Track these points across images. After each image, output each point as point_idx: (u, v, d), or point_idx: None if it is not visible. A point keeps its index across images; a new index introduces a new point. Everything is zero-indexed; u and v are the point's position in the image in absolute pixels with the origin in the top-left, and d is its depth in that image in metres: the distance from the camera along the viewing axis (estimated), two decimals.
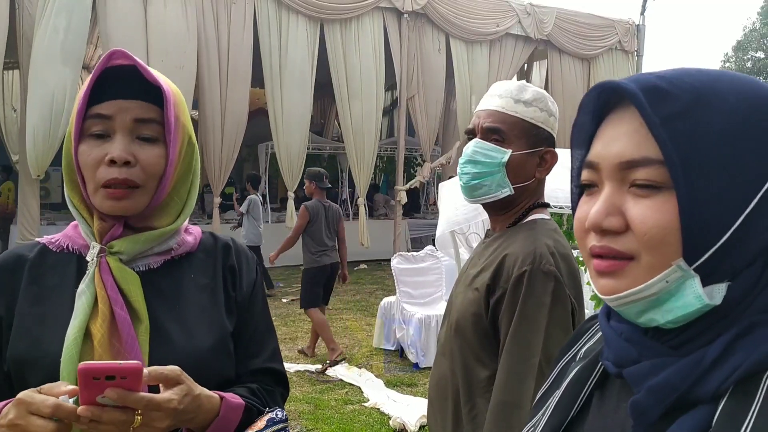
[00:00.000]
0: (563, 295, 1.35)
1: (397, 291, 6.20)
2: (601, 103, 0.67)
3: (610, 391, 0.70)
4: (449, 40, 11.89)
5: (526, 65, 14.07)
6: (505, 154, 1.46)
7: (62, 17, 8.21)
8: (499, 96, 1.51)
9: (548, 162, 1.52)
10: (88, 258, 1.07)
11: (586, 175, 0.67)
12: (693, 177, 0.58)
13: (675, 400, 0.58)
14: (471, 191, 1.51)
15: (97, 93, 1.05)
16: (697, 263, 0.58)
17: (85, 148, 1.05)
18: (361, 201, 11.58)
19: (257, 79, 10.71)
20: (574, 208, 0.71)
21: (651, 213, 0.60)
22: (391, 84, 12.87)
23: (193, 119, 8.96)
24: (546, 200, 1.58)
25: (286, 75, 10.30)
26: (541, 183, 1.54)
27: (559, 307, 1.35)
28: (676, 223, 0.58)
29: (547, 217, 1.54)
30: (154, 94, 1.07)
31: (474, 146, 1.50)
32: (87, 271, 1.06)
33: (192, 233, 1.20)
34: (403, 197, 12.02)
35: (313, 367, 5.62)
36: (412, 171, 14.93)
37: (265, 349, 1.22)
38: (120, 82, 1.06)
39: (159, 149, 1.07)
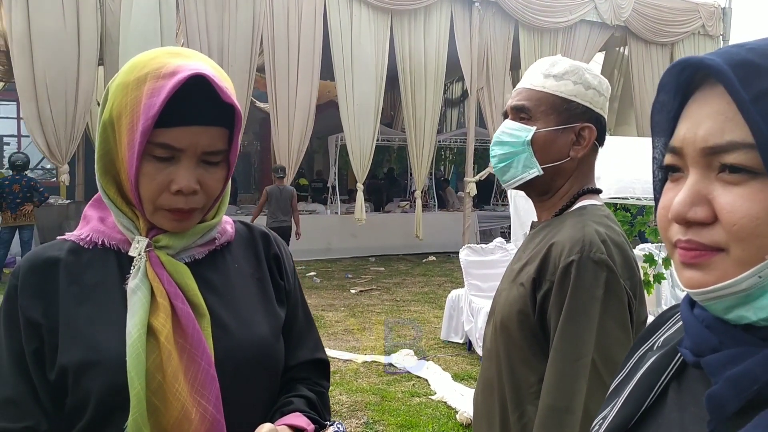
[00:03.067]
0: (617, 285, 1.22)
1: (465, 283, 6.13)
2: (685, 81, 0.61)
3: (689, 382, 0.65)
4: (518, 29, 11.66)
5: (609, 50, 13.67)
6: (529, 132, 1.36)
7: (153, 19, 8.68)
8: (530, 73, 1.42)
9: (586, 139, 1.37)
10: (132, 252, 1.02)
11: (670, 159, 0.61)
12: None
13: (756, 393, 0.52)
14: (501, 174, 1.44)
15: (164, 110, 0.93)
16: None
17: (148, 170, 0.97)
18: (418, 194, 11.59)
19: (328, 72, 10.83)
20: (656, 195, 0.65)
21: (742, 202, 0.54)
22: (459, 76, 12.77)
23: (264, 111, 9.25)
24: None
25: (356, 67, 10.40)
26: (583, 164, 1.41)
27: (614, 299, 1.21)
28: None
29: (598, 202, 1.41)
30: (224, 114, 0.99)
31: (502, 127, 1.42)
32: (135, 266, 1.00)
33: (228, 222, 1.16)
34: (472, 189, 11.89)
35: (383, 359, 5.64)
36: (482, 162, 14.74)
37: (310, 338, 1.22)
38: (192, 103, 0.96)
39: (222, 172, 1.03)
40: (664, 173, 0.63)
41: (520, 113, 1.39)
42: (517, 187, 1.44)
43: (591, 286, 1.21)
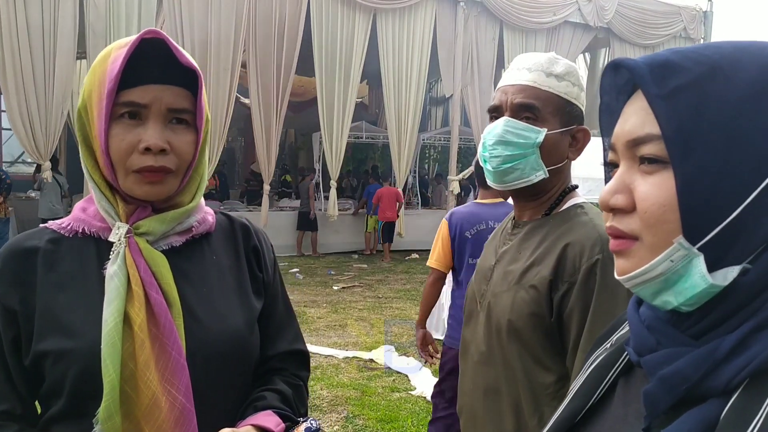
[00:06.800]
0: None
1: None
2: (625, 84, 0.64)
3: (635, 378, 0.67)
4: (503, 28, 11.74)
5: (592, 52, 13.81)
6: (540, 134, 1.31)
7: (134, 15, 8.67)
8: (528, 69, 1.34)
9: (580, 141, 1.37)
10: (112, 238, 1.02)
11: (609, 156, 0.65)
12: (694, 151, 0.55)
13: (685, 391, 0.55)
14: (501, 176, 1.35)
15: (127, 74, 0.97)
16: (701, 242, 0.55)
17: (117, 132, 0.99)
18: (399, 191, 11.66)
19: (313, 68, 10.85)
20: None
21: (652, 190, 0.58)
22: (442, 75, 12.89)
23: (245, 107, 9.21)
24: None
25: (337, 65, 10.42)
26: (570, 164, 1.40)
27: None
28: (676, 200, 0.56)
29: (585, 199, 1.40)
30: (185, 78, 1.02)
31: (504, 125, 1.33)
32: (115, 252, 1.01)
33: (209, 213, 1.16)
34: (456, 187, 11.97)
35: (363, 355, 5.68)
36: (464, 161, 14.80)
37: (289, 329, 1.22)
38: (152, 64, 0.99)
39: (191, 135, 1.04)
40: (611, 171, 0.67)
41: (525, 112, 1.33)
42: (512, 189, 1.39)
43: (615, 286, 1.19)
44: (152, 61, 1.00)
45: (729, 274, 0.55)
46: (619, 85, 0.65)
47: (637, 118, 0.60)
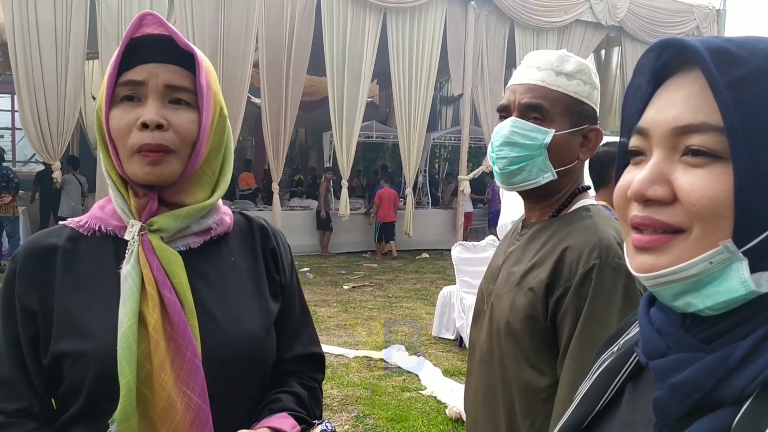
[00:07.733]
0: (635, 292, 1.17)
1: (457, 280, 6.17)
2: (661, 67, 0.61)
3: (644, 383, 0.64)
4: (514, 28, 11.70)
5: (604, 51, 13.75)
6: (548, 135, 1.28)
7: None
8: (538, 68, 1.32)
9: (592, 141, 1.34)
10: (127, 236, 1.02)
11: (634, 141, 0.61)
12: (755, 148, 0.52)
13: (697, 400, 0.53)
14: (508, 178, 1.33)
15: (127, 60, 1.00)
16: (747, 246, 0.52)
17: (116, 114, 1.00)
18: (409, 191, 11.65)
19: (323, 68, 10.88)
20: (617, 180, 0.65)
21: (702, 183, 0.54)
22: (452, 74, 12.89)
23: (256, 106, 9.28)
24: None
25: (347, 64, 10.44)
26: (582, 165, 1.37)
27: (631, 307, 1.16)
28: (730, 197, 0.52)
29: (595, 202, 1.36)
30: (185, 60, 1.02)
31: (511, 126, 1.30)
32: (129, 251, 1.00)
33: (227, 213, 1.15)
34: (466, 187, 11.94)
35: (374, 354, 5.69)
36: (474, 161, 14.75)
37: (305, 332, 1.22)
38: (151, 48, 1.01)
39: (192, 114, 1.02)
40: (628, 158, 0.63)
41: (532, 112, 1.30)
42: (520, 190, 1.37)
43: (610, 292, 1.18)
44: (150, 44, 1.01)
45: (763, 279, 0.53)
46: (654, 68, 0.61)
47: (687, 105, 0.56)
